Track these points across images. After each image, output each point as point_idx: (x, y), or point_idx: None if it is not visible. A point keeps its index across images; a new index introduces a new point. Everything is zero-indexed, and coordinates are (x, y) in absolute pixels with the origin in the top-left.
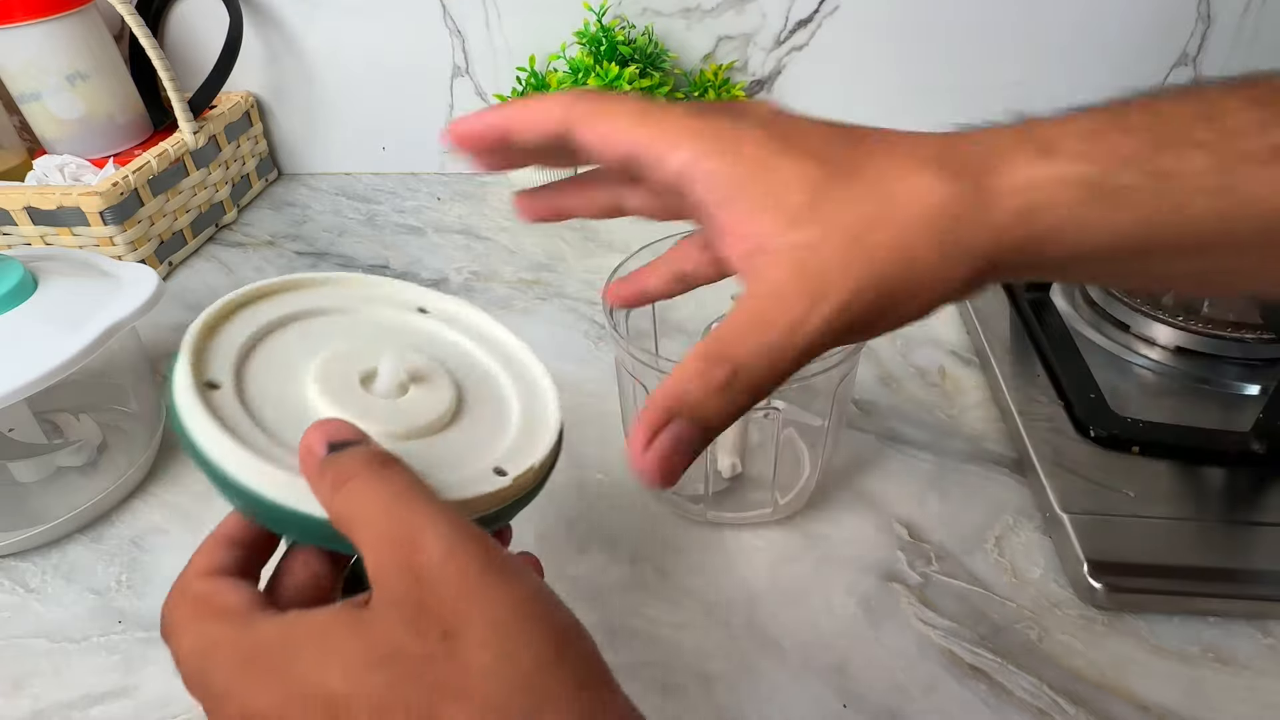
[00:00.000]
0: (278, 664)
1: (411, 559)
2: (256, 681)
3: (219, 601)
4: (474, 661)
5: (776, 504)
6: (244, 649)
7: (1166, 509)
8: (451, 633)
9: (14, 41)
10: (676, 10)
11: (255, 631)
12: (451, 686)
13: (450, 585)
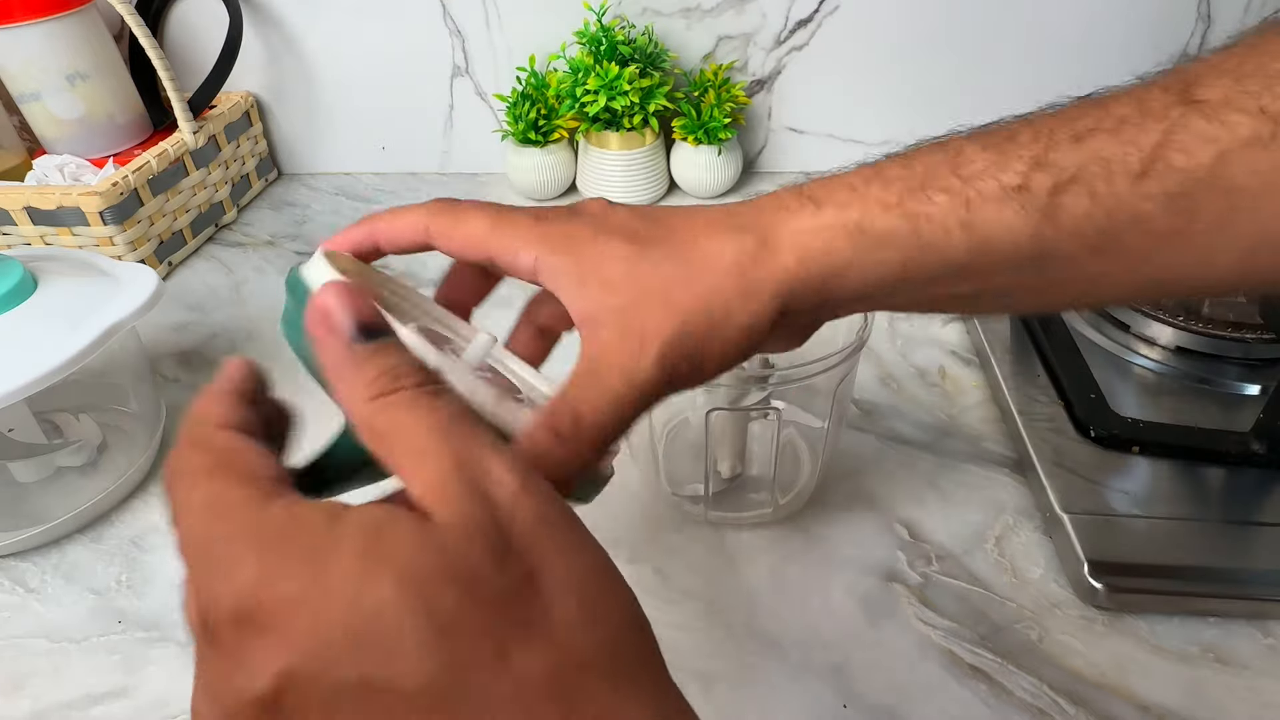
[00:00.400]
0: (309, 552)
1: (482, 483)
2: (278, 564)
3: (243, 463)
4: (558, 610)
5: (776, 504)
6: (269, 525)
7: (1166, 509)
8: (533, 573)
9: (14, 41)
10: (676, 10)
11: (284, 509)
12: (530, 628)
13: (527, 522)
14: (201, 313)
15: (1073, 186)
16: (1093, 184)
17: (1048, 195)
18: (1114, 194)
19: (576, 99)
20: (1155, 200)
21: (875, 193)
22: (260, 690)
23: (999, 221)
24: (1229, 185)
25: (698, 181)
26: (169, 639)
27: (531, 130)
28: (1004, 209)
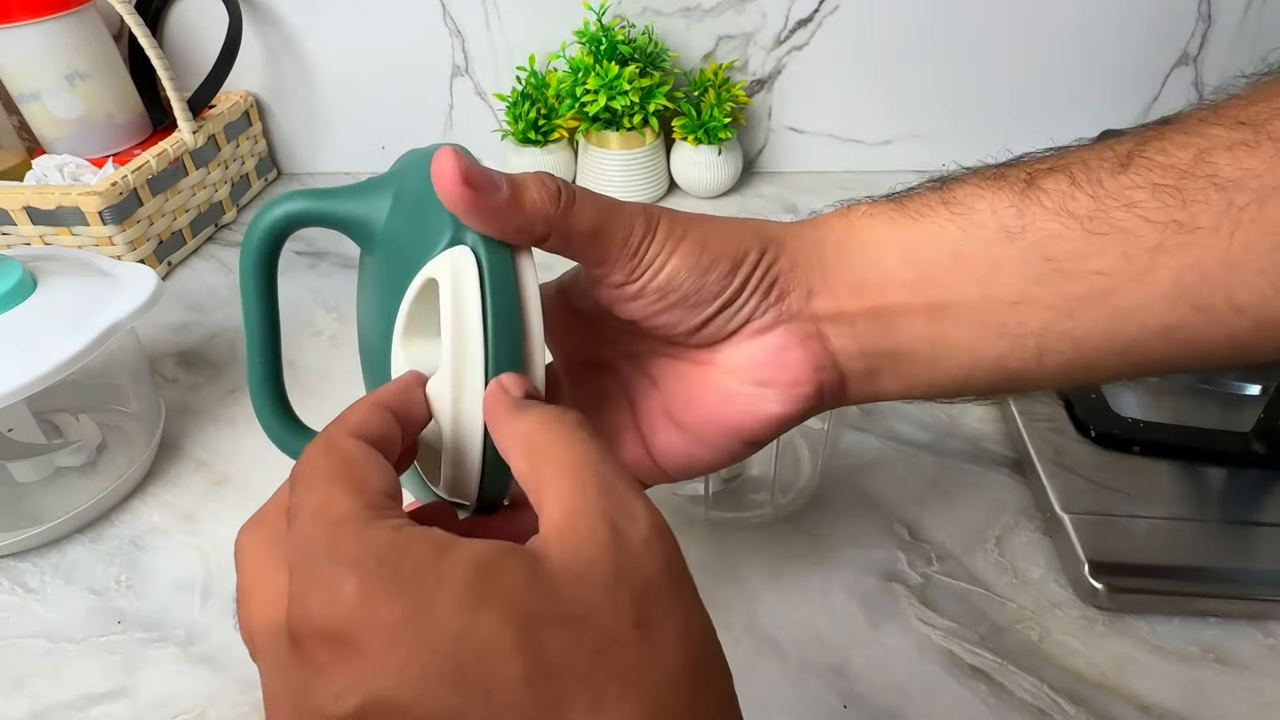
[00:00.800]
0: (415, 580)
1: (619, 520)
2: (381, 588)
3: (359, 473)
4: (661, 667)
5: (776, 504)
6: (374, 545)
7: (1167, 509)
8: (644, 622)
9: (13, 41)
10: (676, 10)
11: (392, 531)
12: (633, 679)
13: (650, 569)
14: (201, 313)
15: (1050, 174)
16: (1071, 171)
17: (1024, 180)
18: (1095, 180)
19: (576, 99)
20: (1142, 190)
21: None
22: (345, 712)
23: (978, 195)
24: (1220, 180)
25: (698, 181)
26: (168, 639)
27: (531, 130)
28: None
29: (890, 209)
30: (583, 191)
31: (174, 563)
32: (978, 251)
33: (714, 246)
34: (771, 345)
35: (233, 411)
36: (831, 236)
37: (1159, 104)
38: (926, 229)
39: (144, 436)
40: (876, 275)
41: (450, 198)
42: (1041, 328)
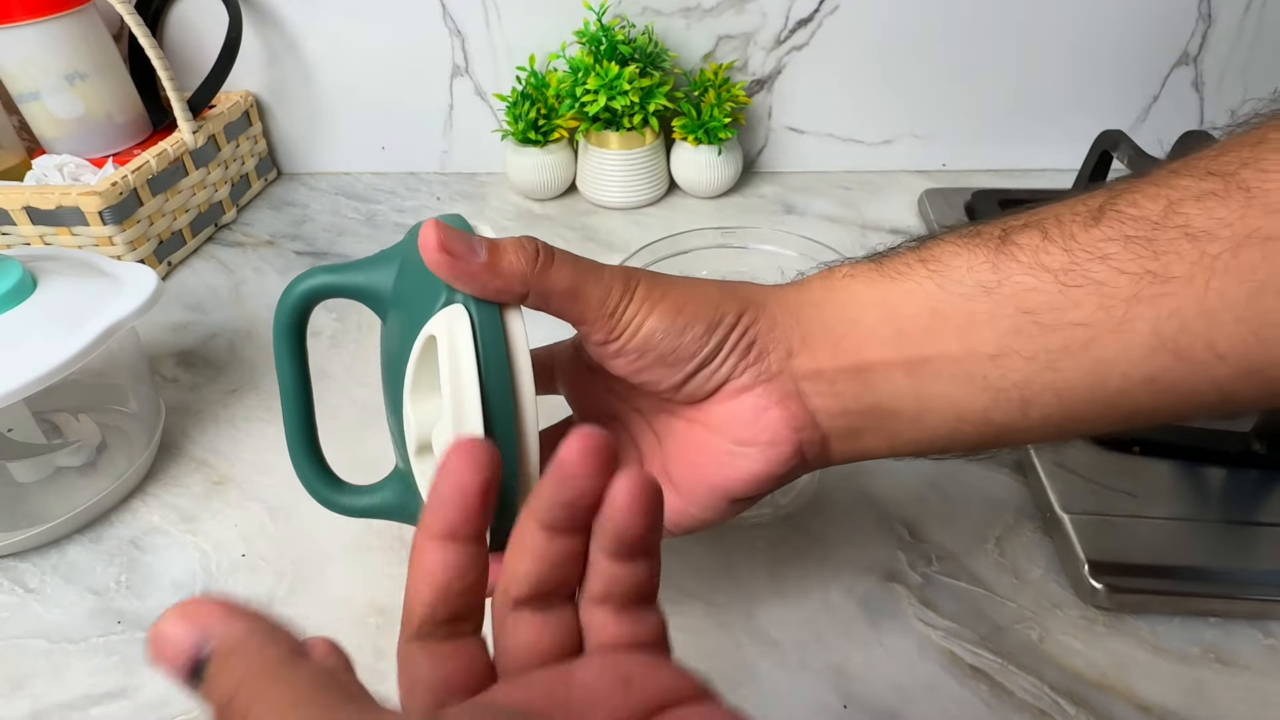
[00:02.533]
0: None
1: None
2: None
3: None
4: None
5: (776, 504)
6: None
7: (1167, 509)
8: None
9: (13, 41)
10: (676, 9)
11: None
12: None
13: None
14: (201, 313)
15: (1024, 230)
16: (1044, 227)
17: (999, 236)
18: (1068, 234)
19: (576, 99)
20: (1114, 242)
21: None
22: None
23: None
24: (1191, 230)
25: (698, 181)
26: None
27: (531, 130)
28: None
29: (870, 269)
30: (562, 254)
31: (174, 563)
32: (955, 307)
33: (691, 308)
34: (750, 404)
35: (233, 411)
36: (812, 297)
37: (1159, 104)
38: (904, 286)
39: (144, 436)
40: (855, 333)
41: (432, 264)
42: (1023, 380)
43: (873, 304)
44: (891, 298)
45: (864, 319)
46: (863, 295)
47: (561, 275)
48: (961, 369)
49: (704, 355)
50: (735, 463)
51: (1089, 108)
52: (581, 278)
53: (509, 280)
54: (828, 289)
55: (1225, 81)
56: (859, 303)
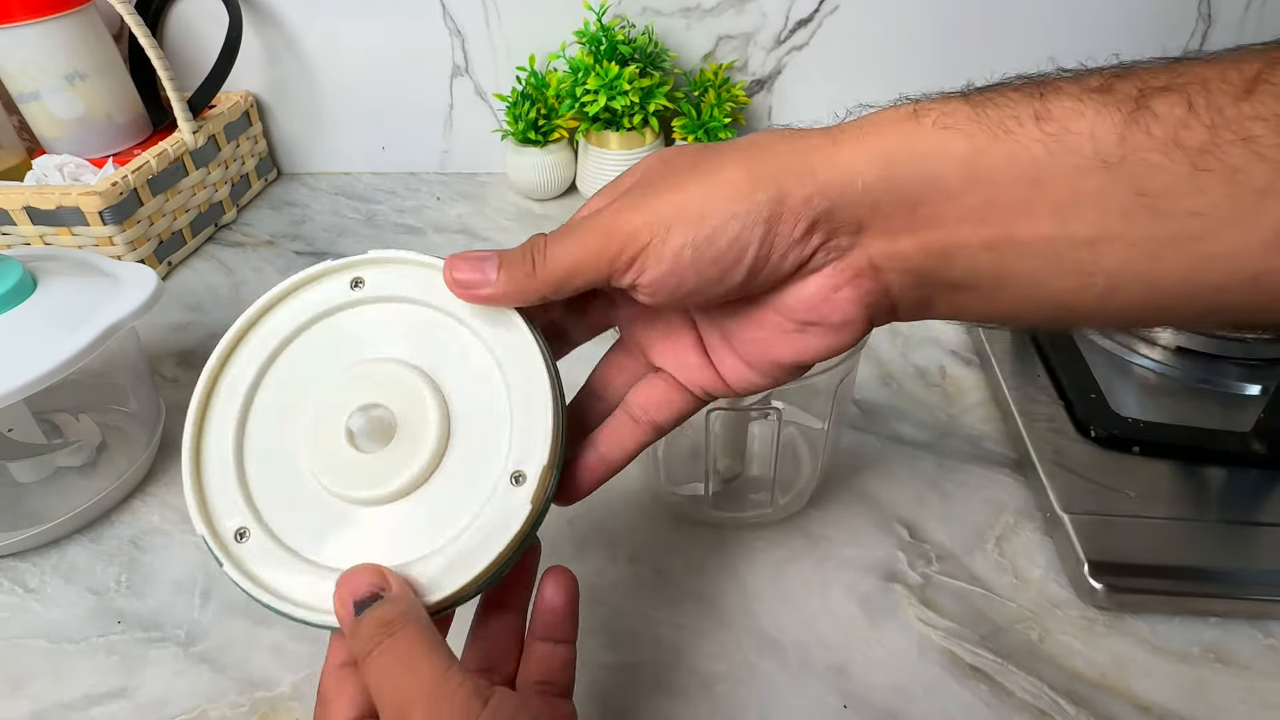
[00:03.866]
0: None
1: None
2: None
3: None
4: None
5: (776, 504)
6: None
7: (1167, 509)
8: None
9: (13, 41)
10: (676, 10)
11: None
12: None
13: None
14: (201, 313)
15: (1165, 93)
16: (1188, 93)
17: (1135, 98)
18: (1215, 107)
19: (576, 99)
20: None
21: (936, 96)
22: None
23: (1077, 114)
24: None
25: None
26: (168, 639)
27: (531, 130)
28: (1083, 104)
29: (968, 117)
30: (556, 239)
31: (174, 563)
32: (1062, 180)
33: (717, 209)
34: (818, 285)
35: None
36: (884, 147)
37: None
38: (1007, 148)
39: (144, 436)
40: (936, 200)
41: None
42: (1116, 267)
43: (963, 165)
44: (989, 161)
45: (948, 182)
46: (954, 151)
47: (558, 265)
48: (1051, 249)
49: (751, 258)
50: (803, 340)
51: None
52: (579, 253)
53: (523, 292)
54: (907, 137)
55: None
56: (946, 159)
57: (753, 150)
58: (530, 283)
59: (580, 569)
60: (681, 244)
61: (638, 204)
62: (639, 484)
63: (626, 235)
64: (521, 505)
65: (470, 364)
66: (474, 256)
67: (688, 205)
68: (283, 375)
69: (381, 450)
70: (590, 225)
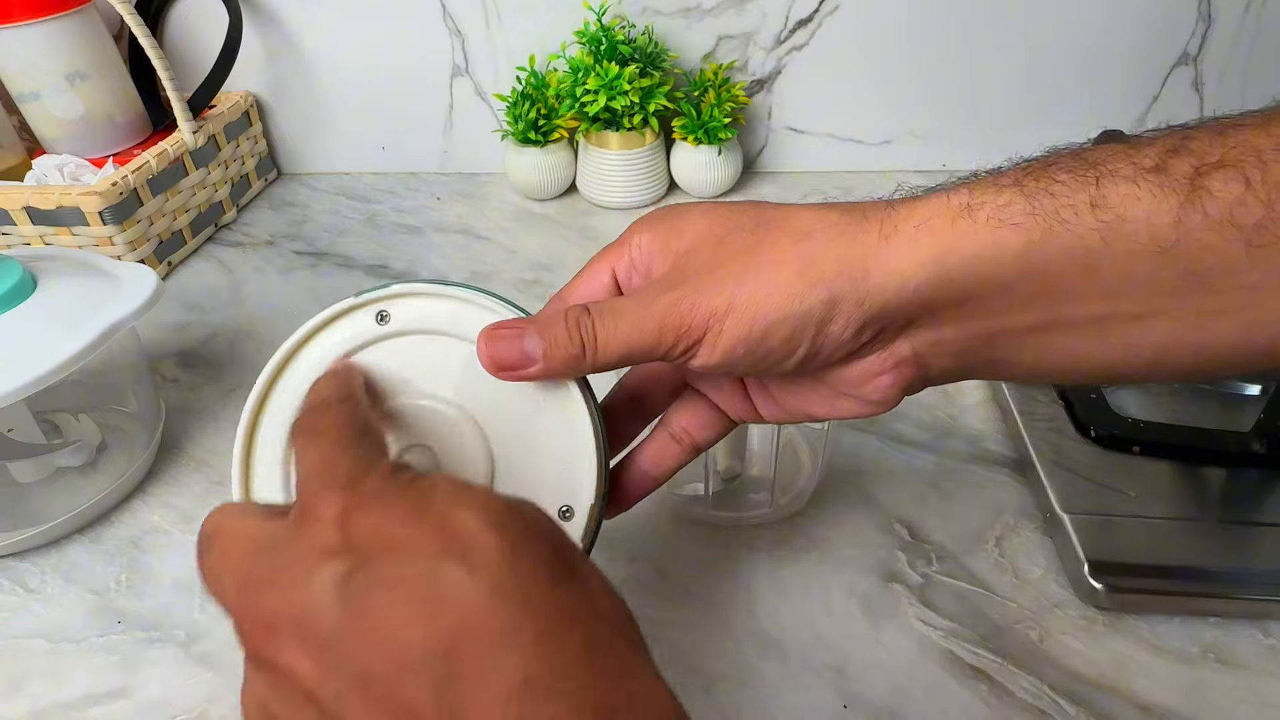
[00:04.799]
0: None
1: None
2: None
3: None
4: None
5: (776, 504)
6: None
7: (1167, 509)
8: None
9: (13, 41)
10: (676, 10)
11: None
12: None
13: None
14: (201, 313)
15: (1220, 170)
16: (1244, 169)
17: (1190, 177)
18: (1271, 182)
19: (576, 99)
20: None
21: (988, 178)
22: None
23: (1133, 199)
24: None
25: (698, 181)
26: (169, 639)
27: (531, 130)
28: (1138, 187)
29: (1025, 211)
30: (606, 325)
31: (174, 563)
32: (1115, 266)
33: (767, 315)
34: (863, 370)
35: (232, 411)
36: (940, 245)
37: (1159, 104)
38: (1063, 241)
39: (144, 436)
40: (988, 296)
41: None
42: (1163, 340)
43: (1017, 260)
44: (1044, 255)
45: (1002, 278)
46: (1009, 249)
47: (610, 353)
48: (1099, 329)
49: (802, 355)
50: (839, 404)
51: (1088, 107)
52: (634, 341)
53: (569, 370)
54: (961, 236)
55: (1225, 81)
56: (1001, 258)
57: (807, 245)
58: (581, 366)
59: None
60: (735, 342)
61: (694, 297)
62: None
63: (682, 330)
64: (572, 537)
65: (508, 398)
66: (509, 333)
67: (744, 305)
68: None
69: None
70: (646, 314)
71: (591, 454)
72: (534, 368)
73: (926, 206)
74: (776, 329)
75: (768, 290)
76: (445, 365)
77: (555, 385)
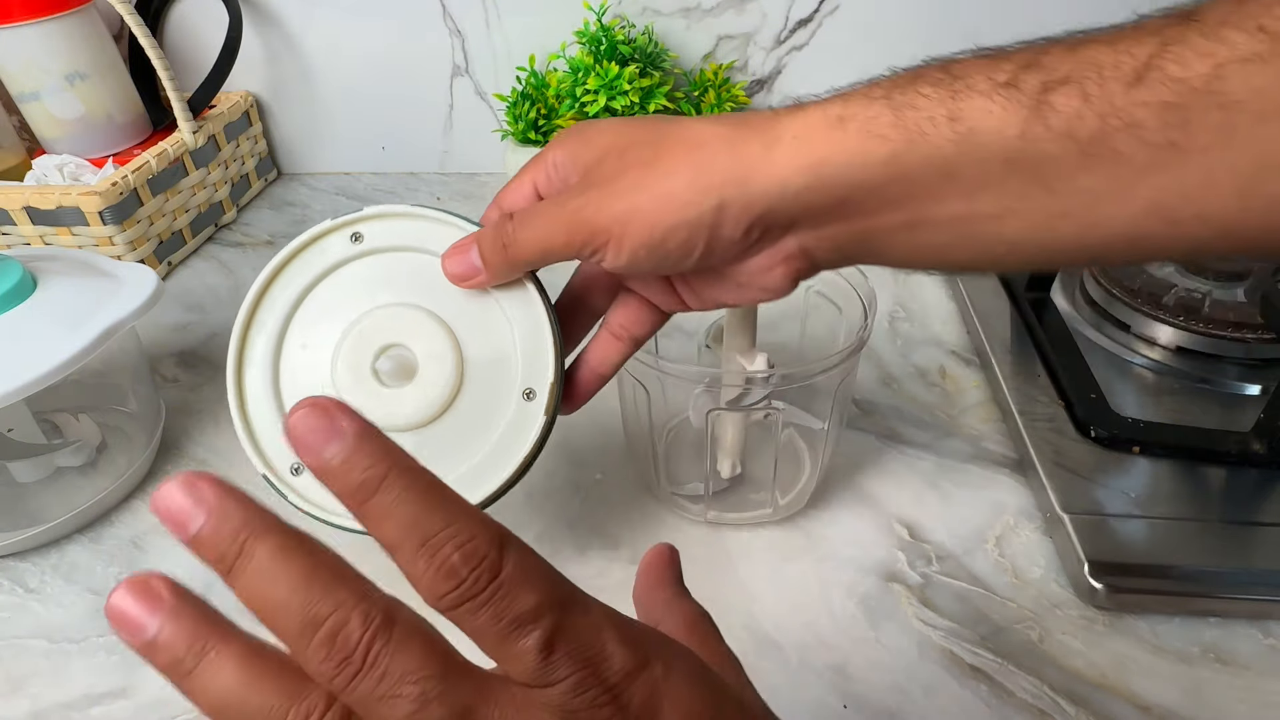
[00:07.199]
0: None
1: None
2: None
3: None
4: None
5: (776, 504)
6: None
7: (1167, 509)
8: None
9: (13, 41)
10: (676, 10)
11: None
12: None
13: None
14: (201, 313)
15: (1064, 86)
16: (1084, 85)
17: (1037, 93)
18: (1107, 97)
19: (576, 99)
20: (1150, 108)
21: (861, 91)
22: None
23: (985, 113)
24: (1226, 99)
25: None
26: None
27: (531, 130)
28: (991, 101)
29: (891, 124)
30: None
31: (174, 563)
32: (971, 173)
33: (664, 220)
34: (757, 265)
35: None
36: (815, 154)
37: None
38: (923, 151)
39: (144, 436)
40: (860, 199)
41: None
42: (1016, 237)
43: (885, 166)
44: (907, 162)
45: (871, 182)
46: (876, 156)
47: (528, 250)
48: (960, 226)
49: (698, 255)
50: (743, 293)
51: None
52: (547, 241)
53: (502, 273)
54: (834, 146)
55: None
56: (869, 164)
57: (699, 155)
58: (508, 265)
59: (580, 570)
60: (637, 245)
61: (599, 203)
62: (639, 484)
63: (588, 233)
64: (535, 416)
65: (473, 302)
66: (461, 250)
67: (644, 212)
68: (305, 327)
69: (407, 386)
70: (556, 216)
71: (548, 339)
72: (481, 276)
73: (805, 118)
74: (673, 234)
75: (664, 199)
76: (415, 275)
77: (514, 287)
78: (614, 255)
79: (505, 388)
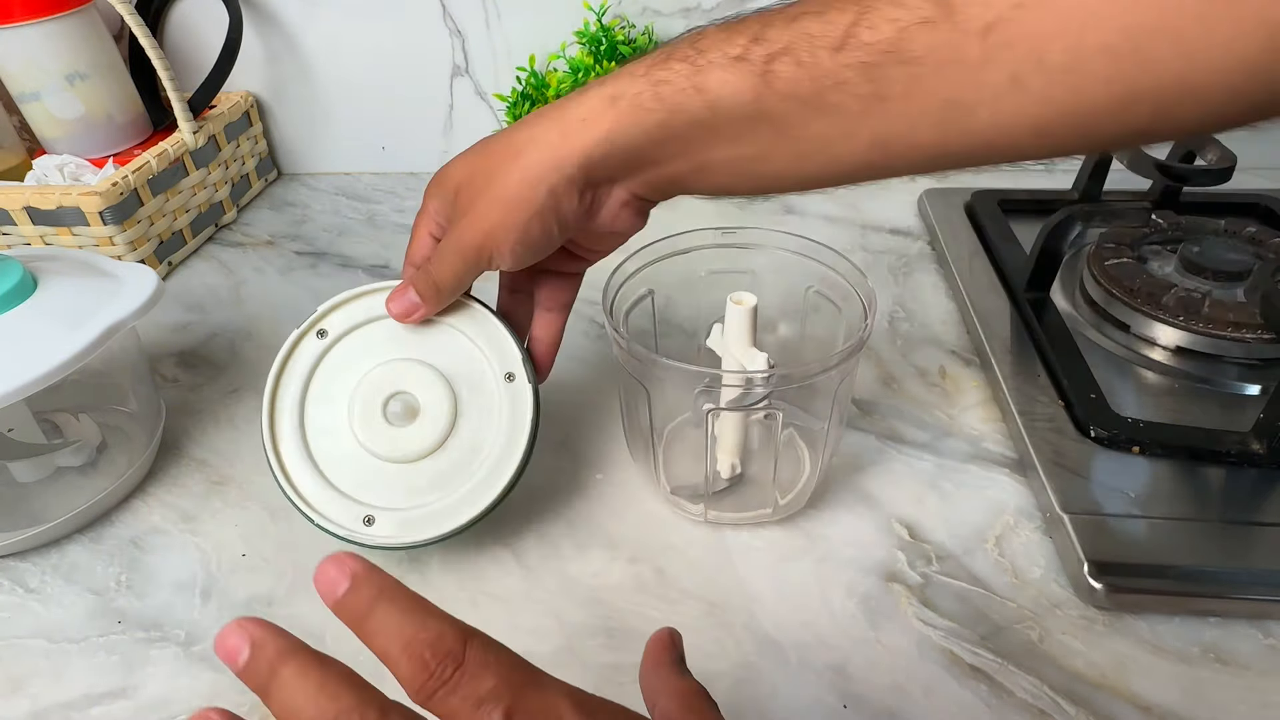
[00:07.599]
0: None
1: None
2: None
3: None
4: None
5: (776, 504)
6: None
7: (1167, 509)
8: None
9: (13, 41)
10: (676, 10)
11: None
12: None
13: None
14: (201, 313)
15: (784, 56)
16: (798, 54)
17: (763, 63)
18: (817, 63)
19: None
20: (853, 68)
21: (627, 70)
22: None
23: (724, 83)
24: (909, 56)
25: None
26: (169, 639)
27: None
28: (727, 73)
29: (651, 97)
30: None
31: (174, 563)
32: (727, 129)
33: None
34: (606, 215)
35: (233, 411)
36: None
37: None
38: (685, 117)
39: (144, 436)
40: (652, 155)
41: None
42: (776, 171)
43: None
44: (675, 124)
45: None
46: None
47: (448, 280)
48: (732, 168)
49: (557, 232)
50: (612, 239)
51: None
52: (455, 269)
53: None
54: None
55: None
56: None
57: (520, 160)
58: (441, 296)
59: (580, 569)
60: (512, 247)
61: (467, 230)
62: (639, 484)
63: (475, 252)
64: (524, 389)
65: (437, 337)
66: (398, 293)
67: (502, 223)
68: (325, 379)
69: (412, 425)
70: (451, 249)
71: (502, 331)
72: (421, 309)
73: (587, 102)
74: (530, 226)
75: (510, 205)
76: (382, 339)
77: (461, 311)
78: (501, 259)
79: (490, 383)
